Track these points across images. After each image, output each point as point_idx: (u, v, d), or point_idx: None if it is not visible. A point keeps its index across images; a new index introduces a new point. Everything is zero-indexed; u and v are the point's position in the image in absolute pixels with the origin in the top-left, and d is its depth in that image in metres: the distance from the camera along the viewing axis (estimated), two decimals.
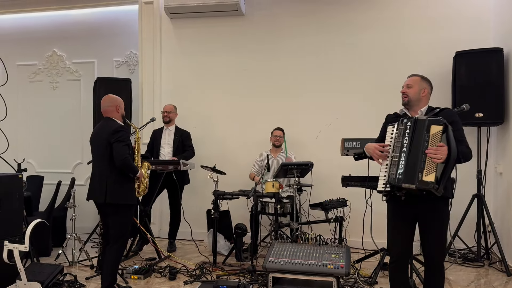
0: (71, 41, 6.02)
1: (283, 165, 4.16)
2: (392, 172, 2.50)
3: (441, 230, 2.57)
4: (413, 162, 2.44)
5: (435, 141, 2.39)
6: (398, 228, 2.68)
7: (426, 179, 2.37)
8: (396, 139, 2.55)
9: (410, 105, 2.70)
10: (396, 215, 2.69)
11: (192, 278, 3.78)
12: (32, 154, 6.08)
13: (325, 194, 4.49)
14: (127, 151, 3.25)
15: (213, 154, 5.29)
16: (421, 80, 2.71)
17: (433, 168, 2.36)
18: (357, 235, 4.33)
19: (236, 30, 5.38)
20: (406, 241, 2.67)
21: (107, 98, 3.42)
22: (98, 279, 3.78)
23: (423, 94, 2.68)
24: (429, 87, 2.72)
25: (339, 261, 3.01)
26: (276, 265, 3.04)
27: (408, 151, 2.48)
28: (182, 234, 5.07)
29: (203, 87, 5.48)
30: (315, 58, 5.16)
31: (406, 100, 2.70)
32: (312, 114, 5.16)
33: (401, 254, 2.69)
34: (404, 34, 4.93)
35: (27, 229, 3.18)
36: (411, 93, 2.68)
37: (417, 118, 2.52)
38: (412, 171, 2.43)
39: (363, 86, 5.03)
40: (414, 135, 2.49)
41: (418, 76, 2.73)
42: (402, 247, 2.67)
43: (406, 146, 2.49)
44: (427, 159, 2.39)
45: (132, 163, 3.32)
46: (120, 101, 3.43)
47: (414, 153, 2.46)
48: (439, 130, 2.40)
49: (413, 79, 2.73)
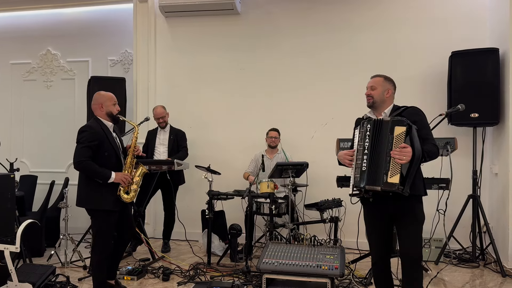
0: (66, 39, 5.97)
1: (278, 165, 4.13)
2: (357, 175, 2.53)
3: (415, 227, 2.55)
4: (376, 164, 2.45)
5: (399, 142, 2.38)
6: (374, 230, 2.71)
7: (391, 180, 2.37)
8: (359, 142, 2.57)
9: (375, 107, 2.70)
10: (370, 217, 2.72)
11: (186, 279, 3.75)
12: (25, 153, 6.03)
13: (320, 195, 4.48)
14: (85, 154, 3.00)
15: (208, 154, 5.26)
16: (384, 80, 2.69)
17: (398, 169, 2.36)
18: (352, 236, 4.27)
19: (231, 29, 5.36)
20: (383, 241, 2.69)
21: (94, 96, 3.26)
22: (90, 280, 3.73)
23: (387, 95, 2.66)
24: (392, 87, 2.71)
25: (333, 262, 2.99)
26: (270, 266, 3.02)
27: (370, 153, 2.49)
28: (177, 234, 5.04)
29: (198, 87, 5.45)
30: (310, 58, 5.14)
31: (370, 102, 2.69)
32: (307, 114, 5.14)
33: (379, 254, 2.71)
34: (400, 34, 4.92)
35: (18, 229, 3.13)
36: (375, 95, 2.67)
37: (376, 120, 2.54)
38: (376, 173, 2.44)
39: (358, 86, 4.96)
40: (377, 136, 2.49)
41: (381, 76, 2.71)
42: (380, 247, 2.69)
43: (367, 148, 2.51)
44: (392, 161, 2.38)
45: (94, 167, 3.01)
46: (105, 98, 3.19)
47: (377, 155, 2.46)
48: (402, 131, 2.39)
49: (376, 80, 2.71)
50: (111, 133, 3.19)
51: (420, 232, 2.57)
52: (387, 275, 2.74)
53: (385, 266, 2.71)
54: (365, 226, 2.74)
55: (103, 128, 3.15)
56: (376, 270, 2.75)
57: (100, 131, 3.12)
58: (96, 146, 3.06)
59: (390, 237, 2.70)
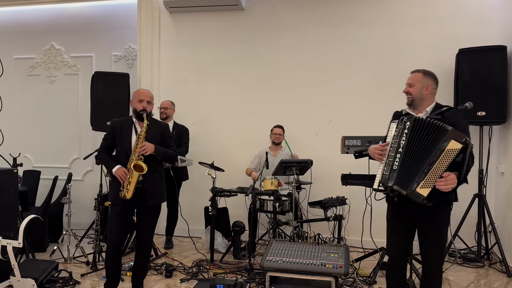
0: (69, 34, 5.95)
1: (282, 162, 4.10)
2: (386, 172, 2.43)
3: (440, 233, 2.48)
4: (410, 167, 2.34)
5: (447, 158, 2.22)
6: (395, 229, 2.63)
7: (419, 191, 2.27)
8: (394, 138, 2.45)
9: (415, 105, 2.56)
10: (393, 216, 2.64)
11: (189, 275, 3.73)
12: (29, 148, 6.02)
13: (323, 192, 4.45)
14: (102, 145, 3.18)
15: (211, 150, 5.24)
16: (423, 76, 2.54)
17: (432, 183, 2.25)
18: (356, 234, 4.27)
19: (236, 25, 5.32)
20: (403, 242, 2.61)
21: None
22: (93, 276, 3.74)
23: (426, 91, 2.52)
24: (433, 83, 2.55)
25: (338, 261, 2.96)
26: (274, 264, 2.99)
27: (405, 153, 2.37)
28: (180, 231, 5.02)
29: (202, 83, 5.42)
30: (315, 54, 5.10)
31: (409, 100, 2.56)
32: (311, 111, 5.10)
33: (398, 255, 2.64)
34: (406, 31, 4.86)
35: (21, 225, 3.12)
36: (413, 92, 2.54)
37: (418, 119, 2.39)
38: (407, 176, 2.34)
39: (364, 83, 4.97)
40: (418, 138, 2.35)
41: (420, 72, 2.57)
42: (399, 248, 2.63)
43: (402, 147, 2.39)
44: (430, 173, 2.25)
45: (104, 158, 3.15)
46: (134, 94, 3.20)
47: (414, 158, 2.34)
48: (457, 148, 2.20)
49: (414, 76, 2.57)
50: (129, 128, 3.13)
51: (445, 240, 2.52)
52: (401, 278, 2.67)
53: (401, 268, 2.65)
54: (387, 224, 2.67)
55: (123, 124, 3.16)
56: (391, 271, 2.67)
57: (117, 126, 3.15)
58: (111, 139, 3.15)
59: (411, 239, 2.62)
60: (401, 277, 2.69)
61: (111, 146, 3.18)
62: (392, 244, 2.66)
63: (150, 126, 3.10)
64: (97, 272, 3.81)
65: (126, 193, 2.97)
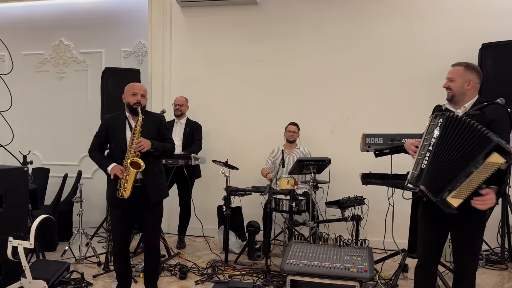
0: (79, 30, 5.84)
1: (299, 161, 3.97)
2: (414, 171, 2.30)
3: (473, 238, 2.35)
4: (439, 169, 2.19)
5: (486, 171, 2.03)
6: (426, 230, 2.50)
7: (450, 200, 2.11)
8: (426, 135, 2.32)
9: (455, 101, 2.40)
10: (424, 216, 2.51)
11: (204, 277, 3.62)
12: (38, 145, 5.93)
13: (340, 192, 4.33)
14: (94, 143, 3.06)
15: (224, 148, 5.11)
16: (464, 70, 2.37)
17: (465, 195, 2.09)
18: (375, 234, 4.16)
19: (249, 20, 5.17)
20: (434, 244, 2.48)
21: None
22: (105, 277, 3.65)
23: (468, 86, 2.35)
24: (476, 77, 2.37)
25: (362, 264, 2.83)
26: (295, 267, 2.87)
27: (434, 153, 2.23)
28: (192, 230, 4.91)
29: (214, 79, 5.29)
30: (332, 49, 4.94)
31: (450, 95, 2.41)
32: (327, 108, 4.95)
33: (428, 259, 2.51)
34: (427, 25, 4.68)
35: (33, 225, 3.03)
36: (454, 87, 2.38)
37: (452, 116, 2.23)
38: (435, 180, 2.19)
39: (382, 79, 4.81)
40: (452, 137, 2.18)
41: (461, 65, 2.40)
42: (429, 250, 2.49)
43: (432, 145, 2.25)
44: (465, 184, 2.08)
45: (96, 156, 3.02)
46: (127, 88, 3.07)
47: (445, 160, 2.18)
48: (499, 163, 2.00)
49: (455, 70, 2.40)
50: (123, 124, 2.99)
51: (479, 247, 2.40)
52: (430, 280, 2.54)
53: (431, 272, 2.52)
54: (418, 226, 2.54)
55: (116, 120, 3.03)
56: (420, 274, 2.53)
57: (110, 122, 3.03)
58: (104, 136, 3.03)
59: (443, 240, 2.48)
60: (431, 282, 2.56)
61: (103, 143, 3.06)
62: (421, 245, 2.54)
63: (145, 120, 2.97)
64: (109, 273, 3.71)
65: (124, 192, 2.83)
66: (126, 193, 2.83)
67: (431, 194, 2.21)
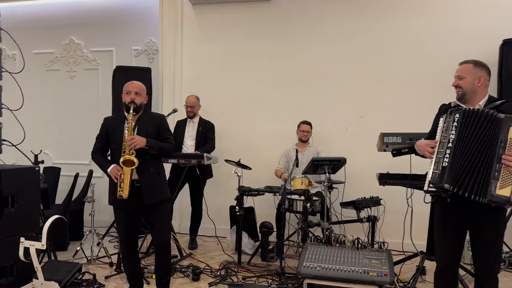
0: (89, 28, 5.81)
1: (314, 160, 3.89)
2: (436, 171, 2.24)
3: (495, 238, 2.28)
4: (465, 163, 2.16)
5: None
6: (445, 234, 2.41)
7: (500, 193, 2.05)
8: (443, 133, 2.27)
9: (466, 99, 2.36)
10: (443, 219, 2.42)
11: (217, 279, 3.55)
12: (48, 144, 5.91)
13: (353, 192, 4.23)
14: (95, 145, 3.03)
15: (236, 147, 5.04)
16: (473, 67, 2.35)
17: (510, 181, 2.04)
18: (391, 236, 4.06)
19: (261, 16, 5.08)
20: (454, 248, 2.40)
21: None
22: (117, 278, 3.60)
23: (478, 83, 2.33)
24: (485, 74, 2.36)
25: (381, 268, 2.74)
26: (312, 270, 2.78)
27: (454, 148, 2.20)
28: (204, 230, 4.85)
29: (226, 77, 5.21)
30: (345, 46, 4.84)
31: (460, 94, 2.37)
32: (341, 106, 4.85)
33: (448, 262, 2.42)
34: (446, 21, 4.56)
35: (44, 225, 2.98)
36: (464, 85, 2.34)
37: (469, 110, 2.22)
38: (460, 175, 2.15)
39: (398, 77, 4.70)
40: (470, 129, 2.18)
41: (470, 63, 2.38)
42: (450, 254, 2.41)
43: (452, 141, 2.21)
44: (504, 170, 2.05)
45: (97, 158, 2.98)
46: (124, 88, 2.99)
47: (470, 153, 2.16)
48: None
49: (464, 68, 2.38)
50: (121, 125, 2.92)
51: (501, 245, 2.32)
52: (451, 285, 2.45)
53: (452, 276, 2.44)
54: (436, 228, 2.45)
55: (115, 120, 2.98)
56: (441, 279, 2.45)
57: (109, 124, 2.99)
58: (104, 138, 2.99)
59: (462, 244, 2.41)
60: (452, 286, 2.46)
61: (105, 145, 3.01)
62: (441, 249, 2.44)
63: (144, 119, 2.91)
64: (121, 274, 3.65)
65: (121, 192, 2.77)
66: (124, 193, 2.77)
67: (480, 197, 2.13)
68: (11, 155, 4.01)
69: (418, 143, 2.45)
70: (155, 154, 2.91)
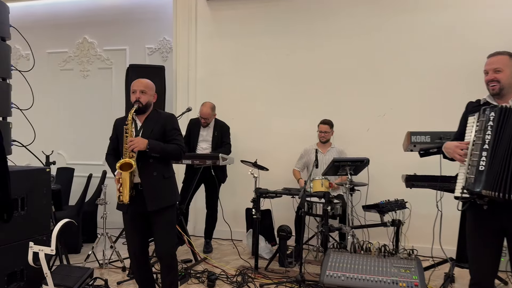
0: (102, 27, 5.72)
1: (335, 161, 3.69)
2: (470, 175, 2.03)
3: None
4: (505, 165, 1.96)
5: None
6: (480, 244, 2.18)
7: None
8: (477, 134, 2.06)
9: (503, 94, 2.14)
10: (478, 228, 2.19)
11: (234, 285, 3.39)
12: (62, 145, 5.85)
13: (376, 195, 4.01)
14: (109, 147, 2.93)
15: (252, 147, 4.86)
16: (510, 58, 2.14)
17: None
18: (417, 241, 3.84)
19: (278, 12, 4.90)
20: (490, 259, 2.17)
21: None
22: (130, 284, 3.47)
23: None
24: None
25: (411, 278, 2.54)
26: (336, 280, 2.60)
27: (491, 149, 1.99)
28: (219, 233, 4.70)
29: (241, 74, 5.04)
30: (367, 41, 4.62)
31: (496, 89, 2.13)
32: (362, 104, 4.63)
33: (484, 274, 2.19)
34: (469, 14, 4.31)
35: (54, 229, 2.86)
36: (503, 79, 2.11)
37: (506, 108, 2.01)
38: (502, 179, 1.95)
39: (422, 72, 4.46)
40: (504, 129, 1.98)
41: (505, 54, 2.15)
42: (485, 266, 2.18)
43: (489, 143, 2.00)
44: None
45: (108, 160, 2.89)
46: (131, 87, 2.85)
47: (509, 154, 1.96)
48: None
49: (500, 59, 2.14)
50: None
51: None
52: None
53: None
54: (469, 238, 2.24)
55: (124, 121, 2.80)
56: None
57: (119, 125, 2.84)
58: (116, 139, 2.88)
59: (499, 254, 2.18)
60: None
61: (116, 147, 2.86)
62: (476, 261, 2.22)
63: (151, 118, 2.75)
64: (134, 279, 3.51)
65: (121, 196, 2.62)
66: (124, 197, 2.61)
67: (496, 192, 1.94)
68: (25, 156, 3.92)
69: (447, 145, 2.24)
70: (159, 157, 2.74)
